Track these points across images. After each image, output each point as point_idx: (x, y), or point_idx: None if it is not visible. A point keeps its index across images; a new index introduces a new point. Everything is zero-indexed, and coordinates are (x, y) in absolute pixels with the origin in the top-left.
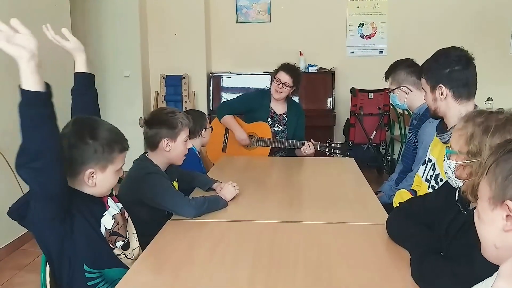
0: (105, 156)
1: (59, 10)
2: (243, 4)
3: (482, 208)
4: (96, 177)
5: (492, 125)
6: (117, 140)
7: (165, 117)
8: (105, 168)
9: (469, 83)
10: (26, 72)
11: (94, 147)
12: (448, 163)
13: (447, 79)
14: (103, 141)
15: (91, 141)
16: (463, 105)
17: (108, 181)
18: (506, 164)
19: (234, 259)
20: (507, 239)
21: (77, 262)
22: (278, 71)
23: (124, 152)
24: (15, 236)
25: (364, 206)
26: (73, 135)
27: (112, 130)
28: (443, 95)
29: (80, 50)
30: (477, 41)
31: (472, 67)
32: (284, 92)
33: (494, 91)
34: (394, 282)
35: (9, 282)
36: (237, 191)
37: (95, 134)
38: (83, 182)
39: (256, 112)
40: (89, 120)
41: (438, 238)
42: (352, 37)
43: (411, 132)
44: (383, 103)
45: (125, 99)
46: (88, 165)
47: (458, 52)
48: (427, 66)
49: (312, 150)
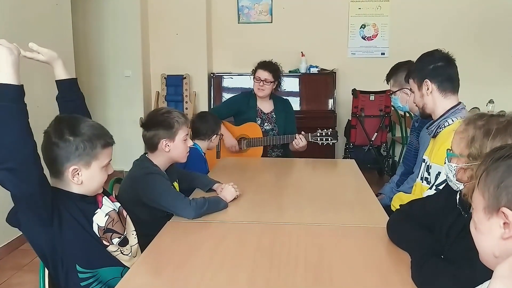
0: (87, 152)
1: (60, 10)
2: (244, 4)
3: (478, 218)
4: (81, 174)
5: (493, 128)
6: (99, 135)
7: (161, 117)
8: (89, 165)
9: (452, 78)
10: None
11: (75, 144)
12: (449, 166)
13: (431, 74)
14: (84, 137)
15: (71, 137)
16: (448, 99)
17: (95, 178)
18: (496, 173)
19: (234, 260)
20: (506, 247)
21: (69, 263)
22: (256, 70)
23: (109, 147)
24: (14, 236)
25: (365, 208)
26: (53, 133)
27: (93, 126)
28: (429, 89)
29: (55, 58)
30: (479, 43)
31: (454, 66)
32: (266, 89)
33: (495, 94)
34: (394, 285)
35: (8, 282)
36: (237, 192)
37: (75, 130)
38: (69, 181)
39: (244, 113)
40: (69, 118)
41: (438, 241)
42: (353, 38)
43: (413, 134)
44: (385, 104)
45: (125, 99)
46: (71, 162)
47: (441, 53)
48: (412, 68)
49: (304, 143)
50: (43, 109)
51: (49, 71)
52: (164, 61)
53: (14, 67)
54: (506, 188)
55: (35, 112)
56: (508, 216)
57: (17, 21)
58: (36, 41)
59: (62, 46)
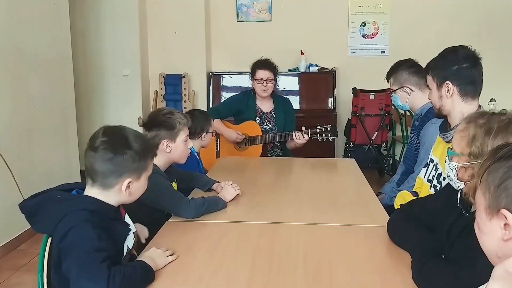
0: (142, 165)
1: (58, 9)
2: (243, 2)
3: (481, 218)
4: (132, 186)
5: (494, 127)
6: (149, 147)
7: (163, 118)
8: (140, 176)
9: (475, 82)
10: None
11: (131, 157)
12: (449, 165)
13: (454, 76)
14: (137, 150)
15: (127, 151)
16: (468, 104)
17: (141, 188)
18: (496, 173)
19: (233, 260)
20: (507, 248)
21: None
22: (256, 71)
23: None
24: (13, 236)
25: (365, 208)
26: (106, 148)
27: (140, 137)
28: (450, 92)
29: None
30: (481, 41)
31: (479, 67)
32: (269, 88)
33: (497, 92)
34: (394, 285)
35: (6, 283)
36: (237, 191)
37: (128, 144)
38: (118, 192)
39: (243, 113)
40: (118, 130)
41: (439, 240)
42: (353, 36)
43: (413, 133)
44: (385, 103)
45: (124, 98)
46: (126, 175)
47: (466, 51)
48: (434, 63)
49: (304, 140)
50: (40, 109)
51: (47, 71)
52: (163, 60)
53: None
54: (506, 190)
55: (33, 111)
56: (508, 218)
57: (15, 20)
58: (33, 40)
59: (60, 45)
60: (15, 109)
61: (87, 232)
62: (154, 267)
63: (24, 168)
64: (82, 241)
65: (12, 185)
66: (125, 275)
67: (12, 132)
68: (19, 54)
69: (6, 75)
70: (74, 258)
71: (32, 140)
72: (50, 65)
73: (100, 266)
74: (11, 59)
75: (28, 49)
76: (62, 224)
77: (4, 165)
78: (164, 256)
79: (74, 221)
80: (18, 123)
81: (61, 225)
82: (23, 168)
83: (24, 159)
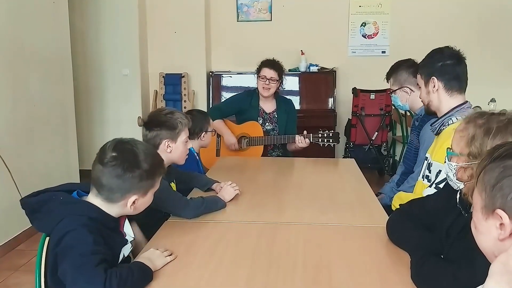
0: (149, 183)
1: (58, 8)
2: (244, 2)
3: (477, 218)
4: (137, 202)
5: (493, 127)
6: (158, 165)
7: (164, 118)
8: (147, 193)
9: (460, 78)
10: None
11: (139, 176)
12: (449, 165)
13: (439, 72)
14: (146, 168)
15: (136, 170)
16: (454, 98)
17: (147, 203)
18: (492, 173)
19: (233, 260)
20: (504, 247)
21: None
22: (261, 69)
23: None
24: (11, 236)
25: (365, 208)
26: (117, 165)
27: (150, 154)
28: (435, 87)
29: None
30: (481, 41)
31: (463, 65)
32: (272, 87)
33: (497, 93)
34: (394, 285)
35: (4, 283)
36: (236, 191)
37: (137, 162)
38: (122, 207)
39: (246, 113)
40: (129, 145)
41: (438, 240)
42: (354, 36)
43: (413, 133)
44: (385, 103)
45: (123, 98)
46: (132, 192)
47: (451, 50)
48: (422, 63)
49: (305, 144)
50: (40, 108)
51: (46, 70)
52: (163, 59)
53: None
54: (502, 190)
55: (32, 111)
56: (503, 218)
57: (14, 19)
58: (33, 40)
59: (59, 44)
60: (14, 108)
61: (83, 236)
62: (152, 268)
63: (22, 167)
64: (78, 244)
65: (10, 185)
66: (121, 277)
67: (11, 131)
68: (18, 54)
69: (5, 74)
70: (70, 261)
71: (31, 139)
72: (50, 64)
73: (96, 269)
74: (11, 58)
75: (28, 48)
76: (60, 226)
77: (3, 165)
78: (163, 256)
79: (72, 225)
80: (17, 123)
81: (59, 227)
82: (21, 168)
83: (23, 159)
